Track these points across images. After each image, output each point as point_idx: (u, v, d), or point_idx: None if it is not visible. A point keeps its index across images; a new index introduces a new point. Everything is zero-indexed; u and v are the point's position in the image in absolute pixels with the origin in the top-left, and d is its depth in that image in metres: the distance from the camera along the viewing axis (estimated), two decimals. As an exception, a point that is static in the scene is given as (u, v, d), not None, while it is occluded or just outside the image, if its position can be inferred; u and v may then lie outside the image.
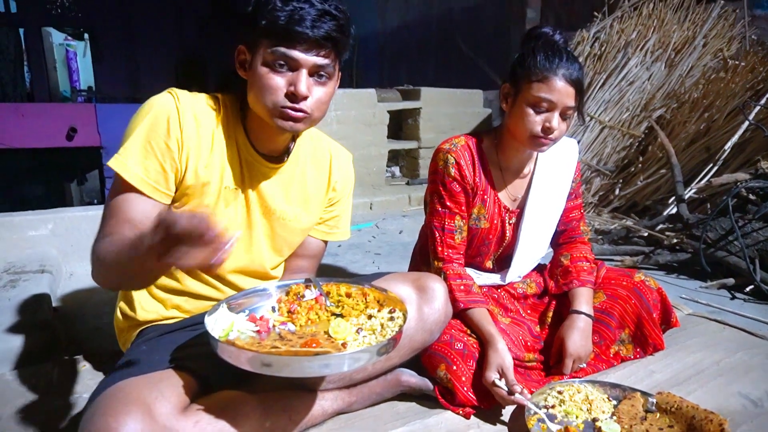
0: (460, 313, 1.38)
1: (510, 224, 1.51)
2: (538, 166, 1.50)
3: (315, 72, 1.03)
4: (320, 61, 1.02)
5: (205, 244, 0.75)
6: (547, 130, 1.31)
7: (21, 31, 10.45)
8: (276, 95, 1.02)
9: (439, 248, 1.45)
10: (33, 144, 5.82)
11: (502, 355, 1.27)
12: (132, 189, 1.04)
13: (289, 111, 1.03)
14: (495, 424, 1.24)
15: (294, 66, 1.02)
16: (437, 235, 1.45)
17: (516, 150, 1.45)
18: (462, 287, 1.39)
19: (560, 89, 1.28)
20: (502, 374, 1.25)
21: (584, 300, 1.46)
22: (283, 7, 0.99)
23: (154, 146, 1.04)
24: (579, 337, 1.40)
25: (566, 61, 1.30)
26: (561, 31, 1.40)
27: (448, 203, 1.44)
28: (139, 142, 1.04)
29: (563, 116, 1.31)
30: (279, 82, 1.02)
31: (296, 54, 1.00)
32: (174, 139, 1.05)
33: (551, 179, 1.50)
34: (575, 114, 1.35)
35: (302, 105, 1.03)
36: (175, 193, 1.09)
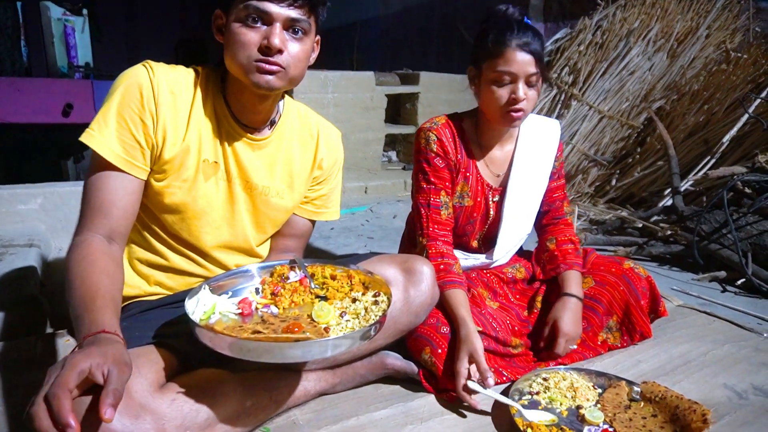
0: None
1: (494, 202, 1.51)
2: (519, 144, 1.50)
3: (289, 26, 1.02)
4: (294, 14, 1.00)
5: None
6: (513, 101, 1.31)
7: (18, 4, 10.29)
8: (250, 50, 1.01)
9: (425, 224, 1.44)
10: (28, 119, 5.74)
11: (473, 340, 1.24)
12: (108, 165, 1.02)
13: (263, 65, 1.01)
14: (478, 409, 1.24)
15: (268, 20, 1.00)
16: (423, 212, 1.45)
17: (493, 129, 1.45)
18: (442, 266, 1.38)
19: (517, 59, 1.29)
20: (472, 360, 1.23)
21: (574, 283, 1.47)
22: None
23: (128, 120, 1.02)
24: (571, 318, 1.41)
25: (518, 31, 1.30)
26: (515, 5, 1.40)
27: (432, 179, 1.44)
28: (113, 117, 1.02)
29: (528, 85, 1.31)
30: (252, 37, 1.00)
31: (268, 6, 0.98)
32: (148, 112, 1.03)
33: (533, 157, 1.50)
34: (541, 81, 1.34)
35: (277, 59, 1.02)
36: (153, 166, 1.07)
